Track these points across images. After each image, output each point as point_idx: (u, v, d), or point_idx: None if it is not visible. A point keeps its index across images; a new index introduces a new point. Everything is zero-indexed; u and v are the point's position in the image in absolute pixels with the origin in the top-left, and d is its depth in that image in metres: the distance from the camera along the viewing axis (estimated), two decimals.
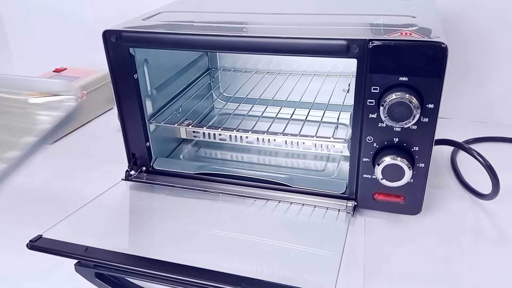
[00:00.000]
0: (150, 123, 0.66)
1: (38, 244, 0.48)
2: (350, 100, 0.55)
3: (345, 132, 0.76)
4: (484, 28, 0.81)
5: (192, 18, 0.67)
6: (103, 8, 1.02)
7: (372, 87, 0.51)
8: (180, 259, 0.46)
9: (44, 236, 0.49)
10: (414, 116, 0.49)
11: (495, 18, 0.80)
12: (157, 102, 0.68)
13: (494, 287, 0.49)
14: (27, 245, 0.48)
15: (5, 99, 0.47)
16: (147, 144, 0.66)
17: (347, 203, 0.59)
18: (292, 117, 0.72)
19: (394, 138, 0.53)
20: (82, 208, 0.58)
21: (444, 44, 0.47)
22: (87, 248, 0.47)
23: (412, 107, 0.48)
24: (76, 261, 0.48)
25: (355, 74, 0.52)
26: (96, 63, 0.86)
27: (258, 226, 0.59)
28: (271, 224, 0.59)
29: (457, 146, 0.63)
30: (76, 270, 0.49)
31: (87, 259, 0.47)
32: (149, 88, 0.66)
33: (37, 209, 0.65)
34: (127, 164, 0.67)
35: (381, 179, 0.54)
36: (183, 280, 0.44)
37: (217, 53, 0.88)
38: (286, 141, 0.69)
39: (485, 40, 0.82)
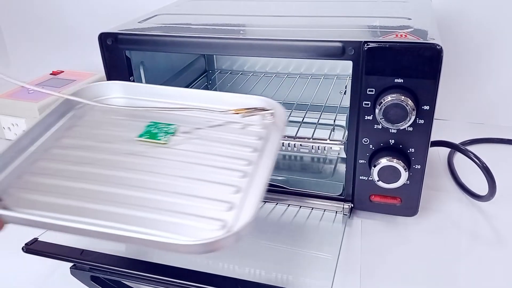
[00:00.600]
0: None
1: (33, 247, 0.48)
2: (347, 101, 0.55)
3: (342, 134, 0.76)
4: (480, 29, 0.81)
5: (188, 20, 0.67)
6: (99, 11, 1.02)
7: (368, 89, 0.51)
8: (177, 262, 0.46)
9: (39, 239, 0.49)
10: (410, 117, 0.49)
11: (491, 20, 0.80)
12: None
13: None
14: (22, 248, 0.48)
15: (216, 114, 0.50)
16: None
17: (343, 205, 0.59)
18: (289, 119, 0.72)
19: (390, 140, 0.53)
20: None
21: (439, 45, 0.47)
22: (82, 251, 0.47)
23: (408, 109, 0.48)
24: (71, 264, 0.48)
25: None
26: (93, 66, 0.86)
27: (255, 228, 0.59)
28: (268, 226, 0.59)
29: (453, 147, 0.63)
30: (72, 273, 0.48)
31: (82, 262, 0.47)
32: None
33: None
34: None
35: (378, 180, 0.54)
36: (180, 283, 0.44)
37: (214, 55, 0.88)
38: (283, 143, 0.69)
39: (482, 41, 0.82)
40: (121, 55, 0.59)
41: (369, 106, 0.51)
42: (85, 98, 0.51)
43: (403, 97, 0.48)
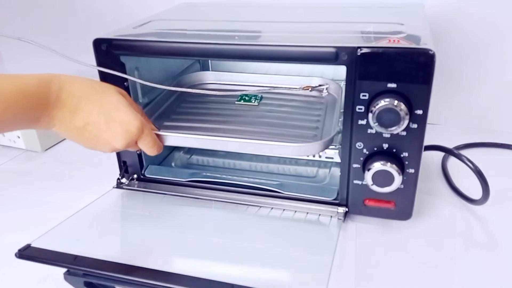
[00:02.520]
0: None
1: (27, 253, 0.48)
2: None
3: (336, 139, 0.76)
4: (473, 34, 0.82)
5: (183, 26, 0.67)
6: (94, 16, 1.02)
7: (361, 94, 0.51)
8: (172, 267, 0.46)
9: (32, 245, 0.49)
10: (403, 122, 0.49)
11: (485, 24, 0.81)
12: (148, 109, 0.68)
13: None
14: (15, 254, 0.47)
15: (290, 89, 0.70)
16: (138, 152, 0.66)
17: (338, 209, 0.59)
18: None
19: (384, 144, 0.53)
20: (72, 217, 0.57)
21: (431, 50, 0.47)
22: (76, 257, 0.47)
23: (401, 114, 0.49)
24: (65, 269, 0.48)
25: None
26: (88, 71, 0.86)
27: (250, 233, 0.59)
28: (263, 230, 0.59)
29: (447, 151, 0.63)
30: (65, 279, 0.48)
31: (76, 268, 0.46)
32: (140, 96, 0.66)
33: (27, 218, 0.64)
34: (118, 172, 0.67)
35: (371, 185, 0.54)
36: None
37: (209, 61, 0.88)
38: None
39: (475, 46, 0.82)
40: (115, 60, 0.59)
41: (363, 110, 0.52)
42: (189, 83, 0.79)
43: (396, 101, 0.48)
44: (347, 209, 0.59)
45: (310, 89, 0.60)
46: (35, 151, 0.83)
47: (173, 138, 0.58)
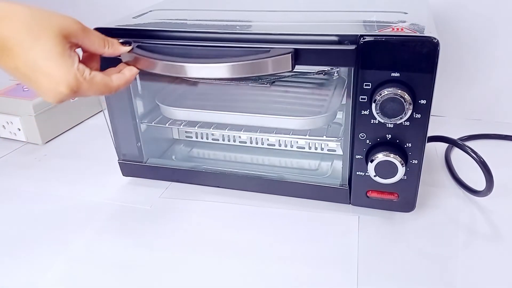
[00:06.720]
0: (141, 123, 0.65)
1: None
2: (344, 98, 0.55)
3: (339, 131, 0.75)
4: (477, 25, 0.81)
5: (183, 15, 0.67)
6: (94, 6, 1.02)
7: (364, 83, 0.50)
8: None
9: None
10: (406, 112, 0.48)
11: (488, 15, 0.80)
12: (148, 102, 0.68)
13: (488, 285, 0.49)
14: None
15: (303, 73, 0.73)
16: (138, 144, 0.65)
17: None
18: None
19: (387, 135, 0.52)
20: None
21: (435, 39, 0.46)
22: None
23: (404, 103, 0.48)
24: None
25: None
26: None
27: (252, 227, 0.58)
28: (265, 225, 0.58)
29: (451, 142, 0.63)
30: None
31: None
32: (139, 88, 0.65)
33: (27, 210, 0.64)
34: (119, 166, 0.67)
35: (374, 176, 0.53)
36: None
37: None
38: (279, 140, 0.69)
39: (479, 37, 0.82)
40: None
41: (366, 100, 0.51)
42: None
43: (399, 91, 0.48)
44: (349, 201, 0.58)
45: (323, 73, 0.62)
46: (36, 144, 0.83)
47: (182, 114, 0.64)
